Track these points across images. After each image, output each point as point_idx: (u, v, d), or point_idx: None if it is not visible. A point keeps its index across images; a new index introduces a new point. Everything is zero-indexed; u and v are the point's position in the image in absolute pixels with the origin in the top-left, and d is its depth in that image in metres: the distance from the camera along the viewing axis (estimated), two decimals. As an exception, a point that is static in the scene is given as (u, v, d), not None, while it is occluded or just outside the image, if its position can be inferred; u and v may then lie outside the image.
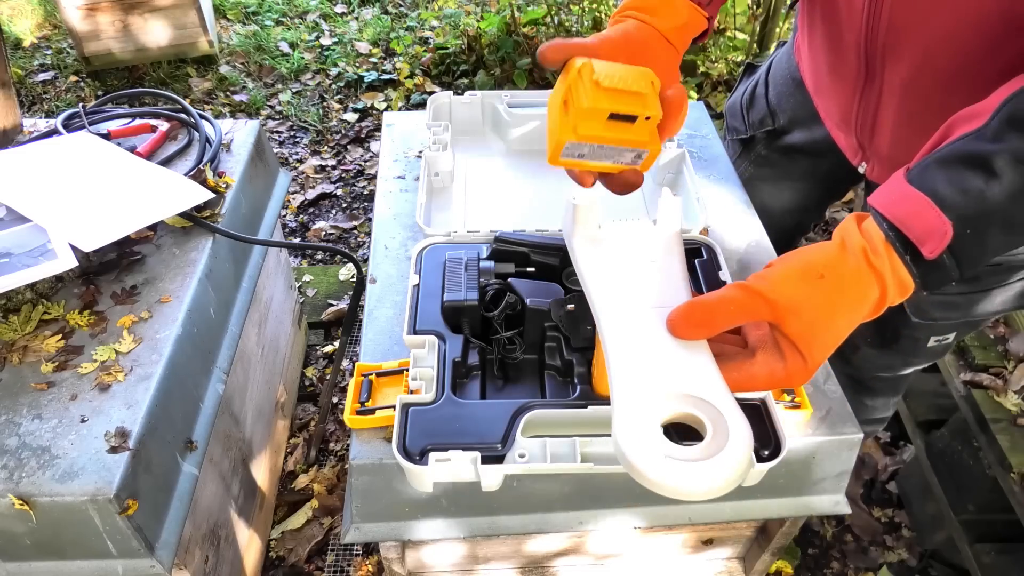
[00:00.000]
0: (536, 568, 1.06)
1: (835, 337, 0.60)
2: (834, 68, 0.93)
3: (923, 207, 0.57)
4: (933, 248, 0.57)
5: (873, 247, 0.59)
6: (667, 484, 0.52)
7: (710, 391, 0.58)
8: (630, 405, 0.56)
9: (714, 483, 0.52)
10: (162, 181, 1.16)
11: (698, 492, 0.52)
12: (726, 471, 0.52)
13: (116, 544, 0.87)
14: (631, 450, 0.53)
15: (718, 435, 0.54)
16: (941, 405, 1.60)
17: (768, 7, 2.63)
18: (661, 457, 0.52)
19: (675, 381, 0.58)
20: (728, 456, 0.53)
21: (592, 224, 0.71)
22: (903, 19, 0.77)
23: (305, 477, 1.66)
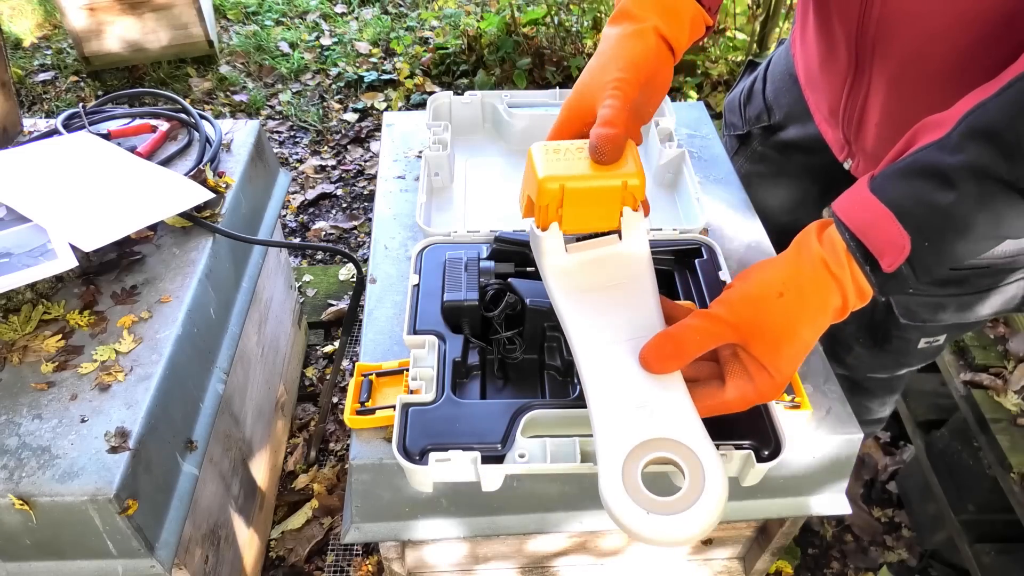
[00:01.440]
0: (536, 568, 1.06)
1: (801, 349, 0.62)
2: (825, 61, 0.93)
3: (883, 219, 0.58)
4: (891, 262, 0.58)
5: (835, 256, 0.60)
6: (650, 538, 0.57)
7: (686, 433, 0.61)
8: (612, 458, 0.60)
9: (693, 532, 0.57)
10: (162, 181, 1.16)
11: (680, 541, 0.57)
12: (703, 519, 0.57)
13: (116, 544, 0.87)
14: (617, 508, 0.58)
15: (694, 481, 0.59)
16: (941, 405, 1.60)
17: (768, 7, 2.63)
18: (644, 514, 0.57)
19: (652, 425, 0.61)
20: (704, 505, 0.57)
21: (558, 250, 0.71)
22: (895, 13, 0.77)
23: (305, 477, 1.66)
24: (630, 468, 0.59)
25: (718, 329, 0.62)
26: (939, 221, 0.57)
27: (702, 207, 1.01)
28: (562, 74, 2.97)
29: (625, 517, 0.57)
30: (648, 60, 0.74)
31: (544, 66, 3.00)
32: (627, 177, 0.68)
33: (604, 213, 0.69)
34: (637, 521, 0.57)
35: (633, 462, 0.60)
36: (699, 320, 0.63)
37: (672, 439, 0.60)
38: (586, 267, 0.71)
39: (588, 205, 0.68)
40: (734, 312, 0.62)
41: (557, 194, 0.67)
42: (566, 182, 0.67)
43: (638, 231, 0.71)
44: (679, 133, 1.24)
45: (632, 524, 0.57)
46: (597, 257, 0.72)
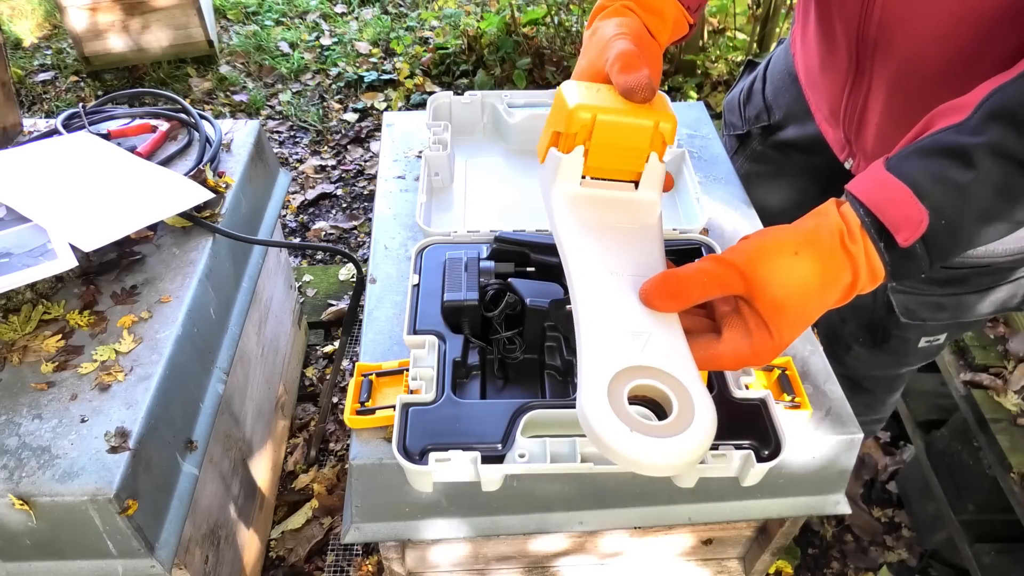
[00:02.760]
0: (536, 568, 1.06)
1: (804, 316, 0.59)
2: (826, 61, 0.93)
3: (901, 195, 0.57)
4: (908, 236, 0.57)
5: (850, 231, 0.59)
6: (630, 457, 0.52)
7: (679, 368, 0.57)
8: (598, 375, 0.56)
9: (675, 459, 0.53)
10: (162, 181, 1.16)
11: (658, 467, 0.53)
12: (688, 449, 0.53)
13: (116, 544, 0.87)
14: (597, 422, 0.53)
15: (683, 413, 0.55)
16: (941, 405, 1.60)
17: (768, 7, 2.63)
18: (627, 431, 0.53)
19: (645, 354, 0.58)
20: (692, 435, 0.53)
21: (574, 178, 0.68)
22: (895, 15, 0.77)
23: (305, 477, 1.67)
24: (616, 390, 0.55)
25: (727, 275, 0.59)
26: (957, 200, 0.56)
27: (702, 207, 1.01)
28: (562, 74, 2.97)
29: (606, 433, 0.53)
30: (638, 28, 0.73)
31: (544, 66, 3.00)
32: (661, 119, 0.65)
33: (631, 155, 0.66)
34: (618, 438, 0.53)
35: (619, 385, 0.56)
36: (709, 263, 0.60)
37: (663, 370, 0.57)
38: (596, 203, 0.68)
39: (617, 142, 0.65)
40: (747, 261, 0.59)
41: (587, 124, 0.64)
42: (599, 112, 0.64)
43: (656, 183, 0.68)
44: (679, 133, 1.24)
45: (613, 440, 0.53)
46: (609, 197, 0.68)
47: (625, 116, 0.65)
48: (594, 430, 0.53)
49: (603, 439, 0.53)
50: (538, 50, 3.01)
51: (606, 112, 0.64)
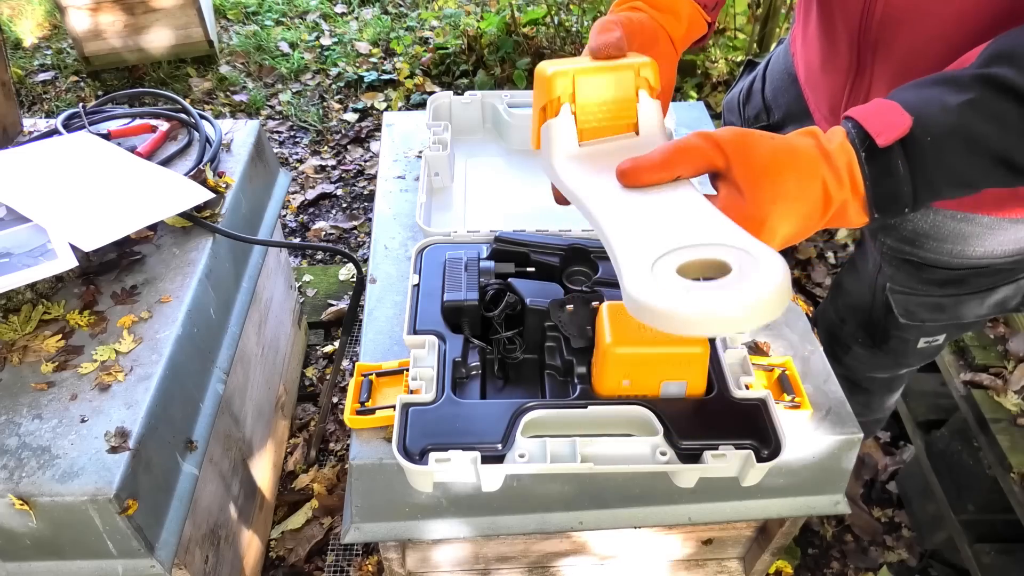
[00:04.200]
0: (537, 568, 1.06)
1: (781, 193, 0.58)
2: (827, 60, 0.93)
3: (888, 107, 0.58)
4: (887, 138, 0.57)
5: (828, 138, 0.59)
6: (695, 315, 0.46)
7: (727, 235, 0.53)
8: (637, 259, 0.51)
9: (746, 306, 0.46)
10: (162, 181, 1.16)
11: (730, 319, 0.46)
12: (760, 292, 0.46)
13: (116, 544, 0.87)
14: (648, 293, 0.48)
15: (745, 268, 0.49)
16: (941, 405, 1.60)
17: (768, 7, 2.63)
18: (685, 290, 0.47)
19: (684, 234, 0.53)
20: (761, 278, 0.47)
21: (571, 140, 0.66)
22: (897, 13, 0.77)
23: (305, 477, 1.66)
24: (662, 267, 0.50)
25: (706, 146, 0.59)
26: (946, 117, 0.57)
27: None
28: (562, 74, 2.97)
29: (661, 300, 0.47)
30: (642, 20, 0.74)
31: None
32: (638, 66, 0.65)
33: (620, 107, 0.65)
34: (676, 300, 0.47)
35: (664, 264, 0.50)
36: (691, 137, 0.60)
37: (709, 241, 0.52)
38: (598, 158, 0.66)
39: (602, 96, 0.64)
40: (726, 136, 0.59)
41: (568, 87, 0.64)
42: (576, 73, 0.64)
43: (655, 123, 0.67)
44: (679, 133, 1.24)
45: (670, 304, 0.47)
46: (612, 147, 0.66)
47: (603, 71, 0.65)
48: (648, 305, 0.48)
49: (659, 307, 0.47)
50: (538, 50, 3.00)
51: (584, 71, 0.64)
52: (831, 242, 2.32)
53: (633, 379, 0.76)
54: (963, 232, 0.90)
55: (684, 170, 0.60)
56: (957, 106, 0.57)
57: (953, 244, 0.92)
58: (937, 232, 0.92)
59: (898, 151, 0.57)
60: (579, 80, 0.64)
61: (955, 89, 0.58)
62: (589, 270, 0.92)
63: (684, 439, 0.74)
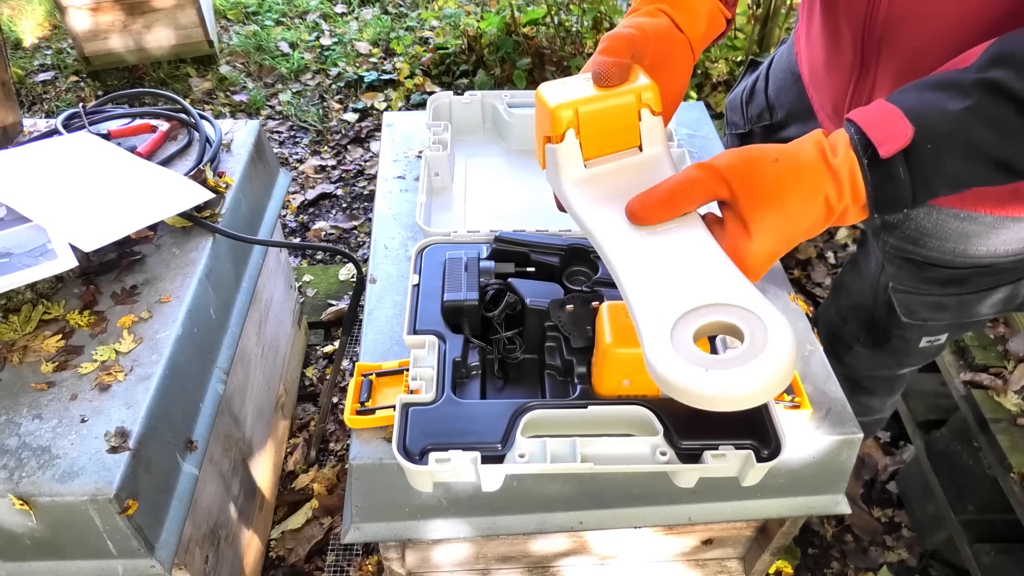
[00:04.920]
0: (536, 568, 1.06)
1: (785, 220, 0.59)
2: (831, 59, 0.93)
3: (890, 114, 0.59)
4: (890, 148, 0.58)
5: (833, 148, 0.60)
6: (713, 395, 0.50)
7: (738, 295, 0.56)
8: (657, 325, 0.54)
9: (762, 383, 0.50)
10: (162, 181, 1.16)
11: (747, 396, 0.50)
12: (772, 369, 0.50)
13: (116, 544, 0.87)
14: (670, 369, 0.51)
15: (756, 336, 0.52)
16: (941, 405, 1.60)
17: (768, 7, 2.63)
18: (703, 372, 0.50)
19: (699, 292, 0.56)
20: (772, 354, 0.51)
21: (577, 163, 0.67)
22: (901, 13, 0.77)
23: (305, 477, 1.66)
24: (679, 336, 0.53)
25: (709, 179, 0.60)
26: (946, 126, 0.57)
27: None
28: (562, 74, 2.97)
29: (682, 377, 0.50)
30: (658, 28, 0.73)
31: (544, 66, 3.00)
32: (640, 91, 0.65)
33: (623, 132, 0.67)
34: (696, 379, 0.50)
35: (682, 330, 0.53)
36: (693, 170, 0.61)
37: (726, 303, 0.54)
38: (606, 177, 0.67)
39: (605, 126, 0.66)
40: (728, 165, 0.60)
41: (572, 121, 0.65)
42: (579, 106, 0.64)
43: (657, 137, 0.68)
44: (679, 133, 1.24)
45: (691, 383, 0.50)
46: (617, 167, 0.68)
47: (605, 101, 0.65)
48: (668, 379, 0.51)
49: (681, 385, 0.51)
50: (538, 50, 3.00)
51: (586, 103, 0.65)
52: (831, 242, 2.32)
53: (633, 379, 0.76)
54: (965, 231, 0.90)
55: (689, 206, 0.61)
56: (957, 112, 0.57)
57: (955, 243, 0.91)
58: (939, 231, 0.92)
59: (899, 159, 0.58)
60: (583, 114, 0.65)
61: (956, 94, 0.58)
62: (589, 270, 0.92)
63: (684, 439, 0.74)
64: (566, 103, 0.65)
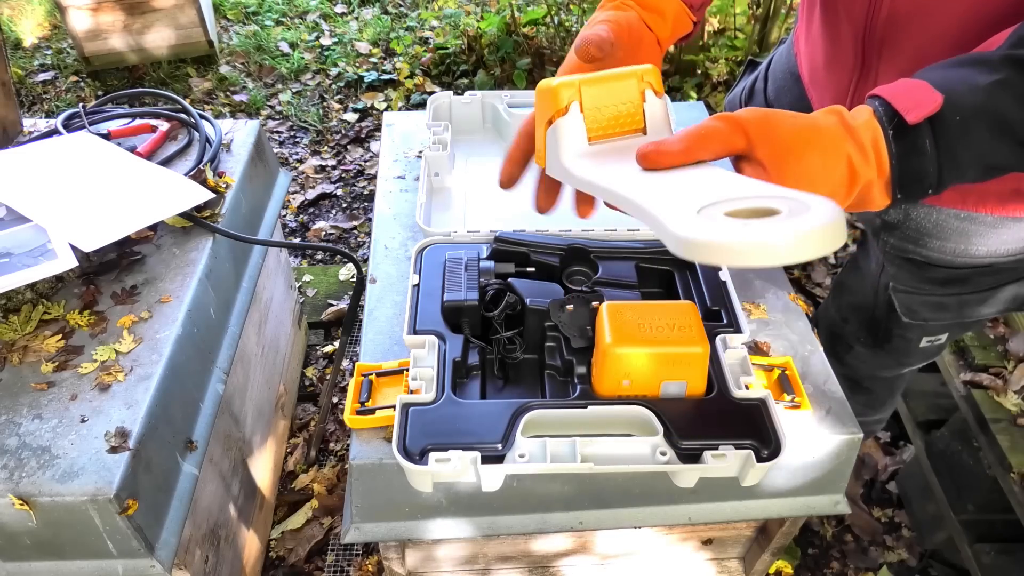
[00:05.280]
0: (537, 568, 1.06)
1: (806, 172, 0.57)
2: (831, 59, 0.93)
3: (917, 86, 0.58)
4: (917, 115, 0.56)
5: (853, 115, 0.59)
6: (748, 244, 0.45)
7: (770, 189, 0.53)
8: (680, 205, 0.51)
9: (804, 235, 0.45)
10: (162, 181, 1.16)
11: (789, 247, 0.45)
12: (818, 222, 0.46)
13: (116, 544, 0.87)
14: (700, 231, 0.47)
15: (796, 209, 0.48)
16: (941, 405, 1.60)
17: (768, 7, 2.63)
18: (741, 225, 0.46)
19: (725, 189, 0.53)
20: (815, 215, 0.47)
21: (580, 138, 0.65)
22: (903, 12, 0.77)
23: (305, 477, 1.66)
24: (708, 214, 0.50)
25: (727, 128, 0.58)
26: (975, 97, 0.56)
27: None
28: (562, 74, 2.97)
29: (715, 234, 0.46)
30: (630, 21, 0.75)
31: (544, 66, 3.00)
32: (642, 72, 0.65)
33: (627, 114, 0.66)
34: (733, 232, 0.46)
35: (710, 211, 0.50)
36: (713, 120, 0.59)
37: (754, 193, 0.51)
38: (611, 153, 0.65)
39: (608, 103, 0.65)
40: (749, 117, 0.58)
41: (575, 96, 0.64)
42: (582, 83, 0.64)
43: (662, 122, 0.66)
44: (679, 133, 1.24)
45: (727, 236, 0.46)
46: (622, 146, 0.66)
47: (608, 81, 0.65)
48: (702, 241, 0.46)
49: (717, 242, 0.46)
50: (538, 50, 3.00)
51: (589, 81, 0.65)
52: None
53: (633, 379, 0.76)
54: (966, 230, 0.90)
55: (706, 153, 0.59)
56: (986, 86, 0.56)
57: (956, 243, 0.91)
58: (940, 231, 0.92)
59: (926, 129, 0.57)
60: (585, 89, 0.65)
61: (984, 69, 0.57)
62: (589, 270, 0.93)
63: (684, 439, 0.74)
64: (569, 81, 0.65)
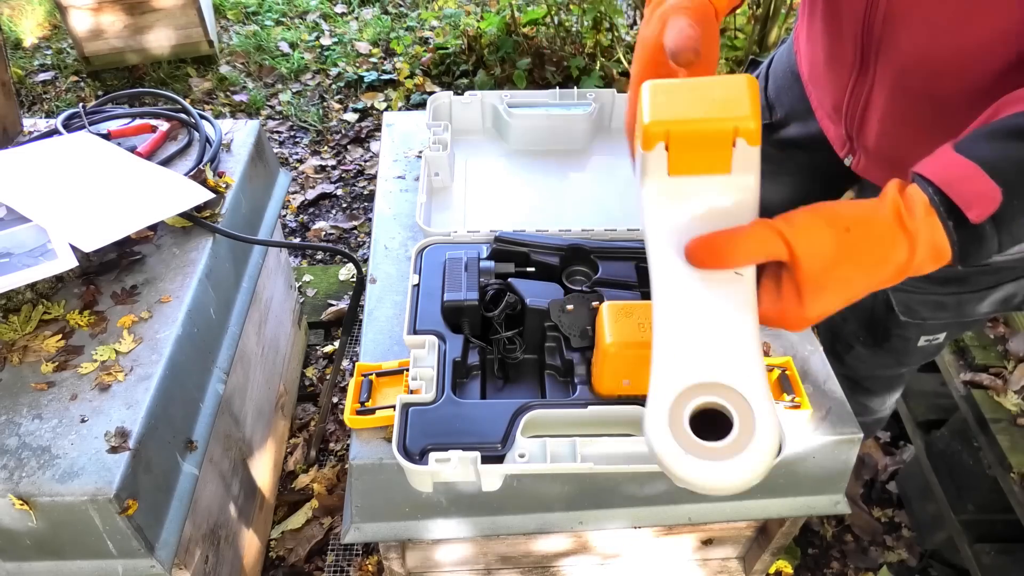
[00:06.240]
0: (537, 568, 1.06)
1: (845, 293, 0.58)
2: (830, 57, 0.93)
3: (972, 172, 0.56)
4: (980, 212, 0.55)
5: (910, 209, 0.57)
6: (693, 482, 0.55)
7: (744, 380, 0.58)
8: (662, 393, 0.58)
9: (730, 481, 0.54)
10: (162, 181, 1.16)
11: (722, 488, 0.55)
12: (749, 469, 0.54)
13: (116, 544, 0.87)
14: (661, 448, 0.56)
15: (744, 431, 0.56)
16: (941, 405, 1.60)
17: (768, 7, 2.63)
18: (681, 452, 0.55)
19: (710, 369, 0.58)
20: (749, 456, 0.55)
21: (661, 173, 0.65)
22: (900, 10, 0.77)
23: (305, 477, 1.66)
24: (678, 409, 0.57)
25: (773, 243, 0.58)
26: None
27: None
28: (562, 74, 2.97)
29: (668, 457, 0.55)
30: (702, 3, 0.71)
31: (544, 66, 3.00)
32: (740, 121, 0.63)
33: (715, 156, 0.64)
34: (679, 462, 0.55)
35: (682, 401, 0.57)
36: (757, 228, 0.59)
37: (727, 385, 0.57)
38: (687, 192, 0.66)
39: (697, 146, 0.64)
40: (796, 231, 0.58)
41: (663, 137, 0.63)
42: (671, 127, 0.63)
43: (750, 165, 0.65)
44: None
45: (674, 465, 0.55)
46: (701, 186, 0.66)
47: (701, 124, 0.63)
48: (657, 454, 0.56)
49: (665, 463, 0.55)
50: (538, 50, 3.00)
51: (680, 124, 0.63)
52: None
53: (633, 379, 0.76)
54: None
55: (745, 264, 0.60)
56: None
57: None
58: None
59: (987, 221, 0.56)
60: (674, 134, 0.63)
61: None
62: (589, 270, 0.92)
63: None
64: (660, 120, 0.63)
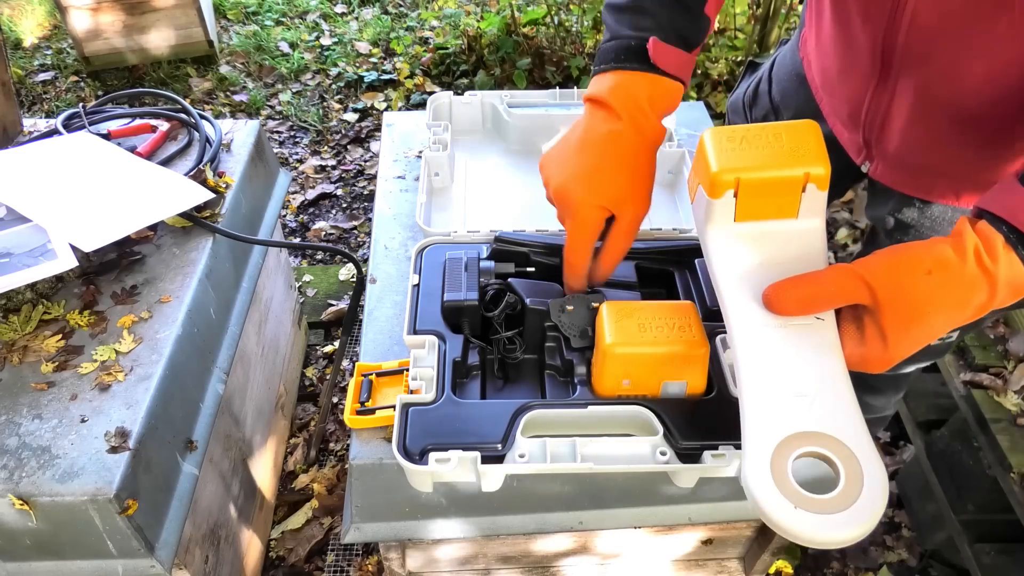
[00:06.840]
0: (537, 568, 1.06)
1: (927, 334, 0.59)
2: (845, 65, 0.92)
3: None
4: None
5: (989, 248, 0.57)
6: (798, 534, 0.53)
7: (847, 432, 0.56)
8: (761, 443, 0.56)
9: (843, 536, 0.52)
10: (162, 181, 1.16)
11: (836, 543, 0.53)
12: (860, 522, 0.52)
13: (116, 544, 0.87)
14: (761, 496, 0.54)
15: (851, 484, 0.54)
16: (941, 405, 1.60)
17: (768, 7, 2.63)
18: (791, 507, 0.53)
19: (811, 417, 0.57)
20: (860, 510, 0.53)
21: (727, 219, 0.65)
22: (926, 21, 0.76)
23: (305, 477, 1.66)
24: (780, 457, 0.55)
25: (855, 287, 0.58)
26: None
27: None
28: (562, 74, 2.97)
29: (770, 507, 0.53)
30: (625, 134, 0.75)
31: (544, 66, 3.00)
32: (810, 166, 0.62)
33: (782, 202, 0.64)
34: (783, 513, 0.53)
35: (784, 452, 0.55)
36: (838, 273, 0.59)
37: (831, 435, 0.56)
38: (753, 238, 0.65)
39: (765, 194, 0.63)
40: (876, 275, 0.58)
41: (732, 185, 0.63)
42: (741, 174, 0.62)
43: (817, 209, 0.65)
44: (679, 133, 1.24)
45: (777, 516, 0.53)
46: (767, 231, 0.65)
47: (770, 171, 0.63)
48: (759, 505, 0.54)
49: (767, 513, 0.53)
50: (538, 50, 3.00)
51: (749, 171, 0.62)
52: (831, 242, 2.32)
53: (633, 379, 0.76)
54: None
55: (826, 308, 0.60)
56: None
57: None
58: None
59: None
60: (744, 182, 0.63)
61: None
62: (589, 270, 0.92)
63: (684, 439, 0.74)
64: (729, 168, 0.63)
